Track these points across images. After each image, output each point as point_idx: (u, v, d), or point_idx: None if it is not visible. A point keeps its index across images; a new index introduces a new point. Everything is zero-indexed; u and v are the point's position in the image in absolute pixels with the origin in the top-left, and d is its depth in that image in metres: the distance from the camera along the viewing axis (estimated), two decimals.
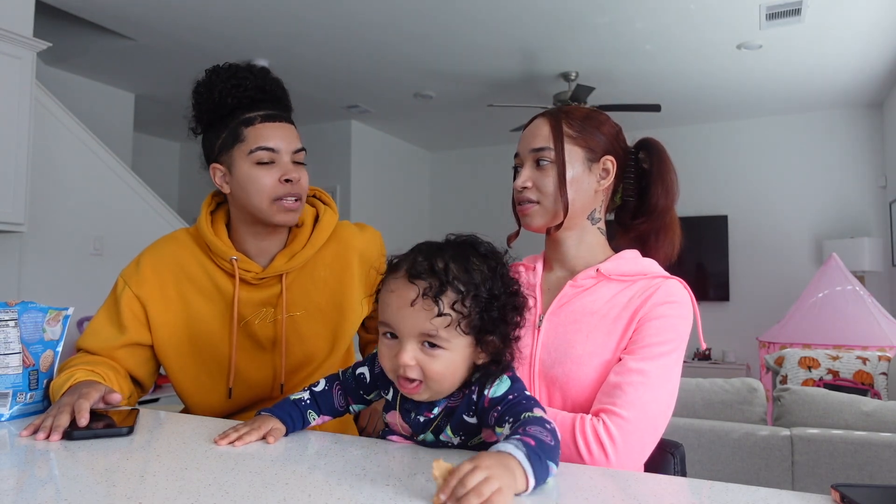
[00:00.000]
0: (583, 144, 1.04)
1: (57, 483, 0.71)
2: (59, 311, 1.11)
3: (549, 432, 0.71)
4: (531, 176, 1.05)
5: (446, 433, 0.84)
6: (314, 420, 0.95)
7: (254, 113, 1.19)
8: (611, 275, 1.02)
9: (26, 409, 1.03)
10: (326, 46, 4.24)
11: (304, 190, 1.22)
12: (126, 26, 3.93)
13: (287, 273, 1.25)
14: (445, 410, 0.84)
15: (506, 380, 0.82)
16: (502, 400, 0.79)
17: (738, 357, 5.73)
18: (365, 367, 0.96)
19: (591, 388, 0.95)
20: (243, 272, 1.22)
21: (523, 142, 1.08)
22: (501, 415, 0.78)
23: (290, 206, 1.19)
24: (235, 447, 0.83)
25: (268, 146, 1.17)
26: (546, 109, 1.11)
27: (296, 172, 1.19)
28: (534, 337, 1.02)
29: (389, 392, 0.90)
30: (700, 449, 2.19)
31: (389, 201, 6.53)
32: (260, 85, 1.21)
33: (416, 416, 0.85)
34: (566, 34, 4.03)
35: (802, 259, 5.65)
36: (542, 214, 1.05)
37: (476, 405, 0.82)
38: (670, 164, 1.11)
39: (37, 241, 3.38)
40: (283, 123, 1.21)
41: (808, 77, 4.78)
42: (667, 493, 0.70)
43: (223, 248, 1.21)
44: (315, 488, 0.67)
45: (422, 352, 0.79)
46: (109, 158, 3.77)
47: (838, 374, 3.13)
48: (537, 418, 0.74)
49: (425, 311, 0.77)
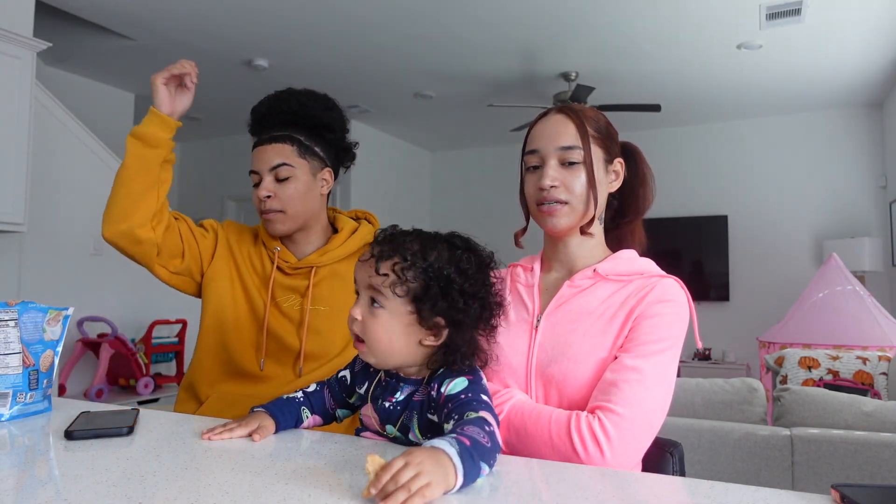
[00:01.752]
0: (602, 145, 1.04)
1: (57, 483, 0.71)
2: (59, 311, 1.11)
3: (486, 434, 0.73)
4: (558, 175, 1.01)
5: (414, 432, 0.87)
6: (307, 417, 0.98)
7: (257, 137, 1.40)
8: (608, 275, 1.03)
9: (26, 409, 1.03)
10: (326, 47, 4.24)
11: (283, 204, 1.35)
12: (126, 26, 3.93)
13: (317, 268, 1.39)
14: (410, 404, 0.88)
15: (463, 380, 0.84)
16: (455, 398, 0.82)
17: (738, 357, 5.73)
18: (346, 369, 1.01)
19: (587, 387, 0.95)
20: (281, 261, 1.40)
21: (544, 139, 1.03)
22: (450, 412, 0.81)
23: (268, 217, 1.36)
24: (212, 441, 0.86)
25: (253, 169, 1.37)
26: (557, 106, 1.09)
27: (266, 190, 1.34)
28: (531, 336, 1.03)
29: (364, 386, 0.95)
30: (700, 449, 2.19)
31: (389, 201, 6.53)
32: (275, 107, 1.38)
33: (381, 403, 0.90)
34: (566, 34, 4.03)
35: (802, 259, 5.65)
36: (570, 215, 1.02)
37: (435, 402, 0.85)
38: (649, 167, 1.13)
39: (37, 241, 3.38)
40: (269, 145, 1.36)
41: (808, 77, 4.78)
42: (666, 493, 0.70)
43: (269, 241, 1.42)
44: (315, 488, 0.67)
45: (368, 310, 0.86)
46: (109, 158, 3.76)
47: (838, 374, 3.13)
48: (479, 419, 0.76)
49: (371, 269, 0.86)
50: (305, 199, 1.37)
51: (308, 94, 1.40)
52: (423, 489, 0.61)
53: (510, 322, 1.06)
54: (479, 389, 0.84)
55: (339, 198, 5.85)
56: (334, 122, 1.42)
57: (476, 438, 0.71)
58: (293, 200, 1.35)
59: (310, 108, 1.38)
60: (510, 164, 6.65)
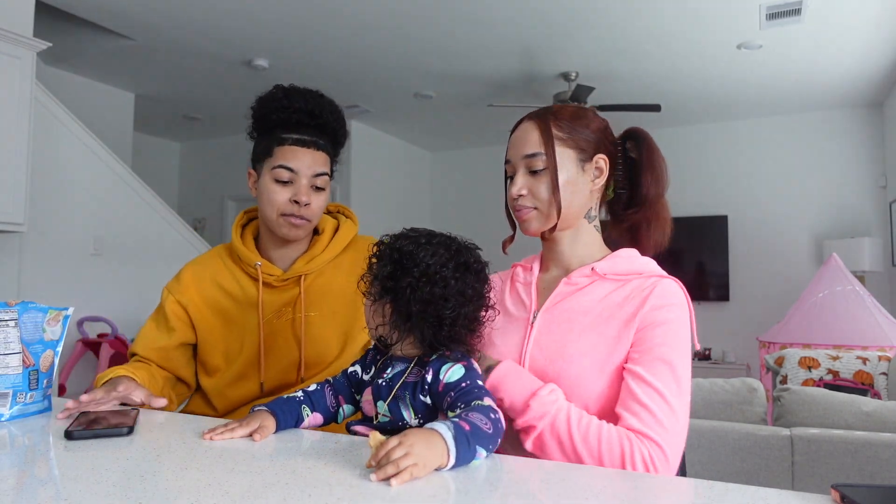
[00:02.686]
0: (573, 145, 1.04)
1: (57, 483, 0.71)
2: (59, 311, 1.11)
3: (490, 421, 0.80)
4: (525, 183, 1.04)
5: (409, 411, 0.91)
6: (308, 415, 0.99)
7: (290, 135, 1.29)
8: (605, 274, 1.03)
9: (26, 409, 1.03)
10: (326, 47, 4.24)
11: (313, 213, 1.31)
12: (126, 26, 3.93)
13: (305, 276, 1.34)
14: (402, 383, 0.92)
15: (459, 367, 0.89)
16: (456, 386, 0.87)
17: (738, 357, 5.73)
18: (357, 364, 1.03)
19: (580, 386, 0.95)
20: (266, 276, 1.33)
21: (513, 148, 1.07)
22: (454, 400, 0.86)
23: (295, 222, 1.29)
24: (213, 440, 0.86)
25: (288, 166, 1.28)
26: (532, 111, 1.10)
27: (307, 196, 1.28)
28: (526, 331, 1.03)
29: (371, 372, 0.99)
30: (700, 449, 2.19)
31: (390, 201, 6.53)
32: (309, 110, 1.30)
33: (377, 381, 0.94)
34: (566, 34, 4.03)
35: (802, 259, 5.65)
36: (539, 219, 1.05)
37: (430, 386, 0.89)
38: (658, 151, 1.11)
39: (37, 241, 3.38)
40: (311, 150, 1.29)
41: (808, 77, 4.78)
42: (667, 492, 0.70)
43: (248, 255, 1.34)
44: (315, 488, 0.67)
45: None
46: (109, 158, 3.77)
47: (838, 374, 3.13)
48: (484, 407, 0.82)
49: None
50: (323, 211, 1.35)
51: (333, 105, 1.36)
52: (411, 468, 0.69)
53: (507, 318, 1.07)
54: (475, 376, 0.89)
55: (338, 198, 5.85)
56: (344, 140, 1.41)
57: (477, 424, 0.77)
58: (320, 212, 1.33)
59: (339, 123, 1.36)
60: None
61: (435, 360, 0.90)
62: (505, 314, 1.09)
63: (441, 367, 0.89)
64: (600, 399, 0.95)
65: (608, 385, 0.95)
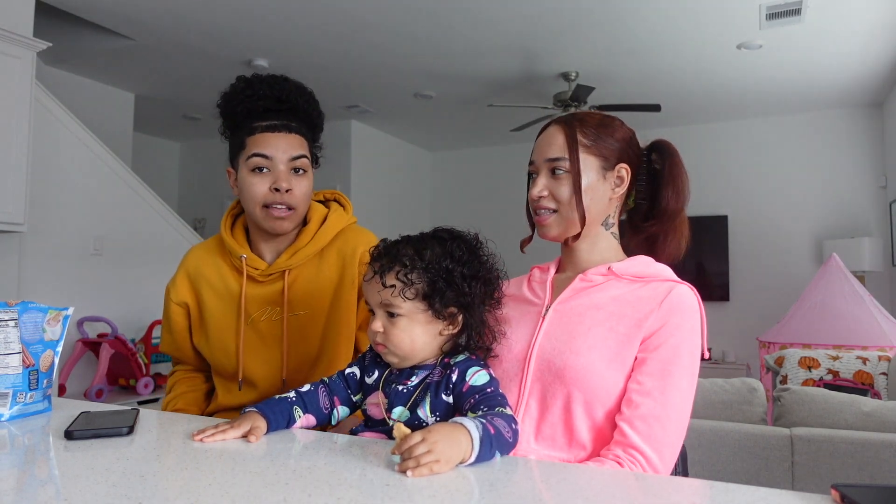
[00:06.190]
0: (597, 153, 1.06)
1: (57, 483, 0.71)
2: (59, 311, 1.11)
3: (512, 431, 0.83)
4: (547, 185, 1.07)
5: (424, 409, 0.92)
6: (300, 417, 0.97)
7: (260, 122, 1.24)
8: (622, 274, 1.04)
9: (26, 409, 1.03)
10: (326, 47, 4.24)
11: (297, 200, 1.25)
12: (126, 26, 3.93)
13: (290, 270, 1.29)
14: (423, 385, 0.94)
15: (484, 374, 0.92)
16: (481, 390, 0.90)
17: (738, 357, 5.73)
18: (355, 366, 1.03)
19: (586, 379, 0.96)
20: (251, 269, 1.29)
21: (538, 150, 1.09)
22: (477, 403, 0.88)
23: (278, 214, 1.24)
24: (204, 443, 0.85)
25: (262, 153, 1.23)
26: (560, 116, 1.12)
27: (286, 182, 1.23)
28: (538, 323, 1.05)
29: (374, 375, 0.99)
30: (700, 449, 2.19)
31: (390, 201, 6.53)
32: (275, 95, 1.25)
33: (395, 386, 0.95)
34: (566, 34, 4.03)
35: (802, 259, 5.65)
36: (558, 224, 1.07)
37: (455, 387, 0.92)
38: (682, 166, 1.12)
39: (37, 241, 3.37)
40: (283, 133, 1.24)
41: (808, 77, 4.78)
42: (667, 492, 0.70)
43: (235, 247, 1.30)
44: (315, 488, 0.67)
45: (388, 321, 0.93)
46: (109, 158, 3.76)
47: (838, 374, 3.13)
48: (508, 416, 0.85)
49: (378, 285, 0.93)
50: (309, 198, 1.30)
51: (300, 88, 1.30)
52: (432, 464, 0.71)
53: (520, 310, 1.09)
54: (498, 384, 0.93)
55: None
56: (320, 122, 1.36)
57: (501, 431, 0.80)
58: (305, 198, 1.27)
59: (310, 105, 1.31)
60: (510, 164, 6.65)
61: (461, 362, 0.94)
62: (518, 306, 1.10)
63: (468, 370, 0.92)
64: (606, 394, 0.96)
65: (615, 381, 0.96)
